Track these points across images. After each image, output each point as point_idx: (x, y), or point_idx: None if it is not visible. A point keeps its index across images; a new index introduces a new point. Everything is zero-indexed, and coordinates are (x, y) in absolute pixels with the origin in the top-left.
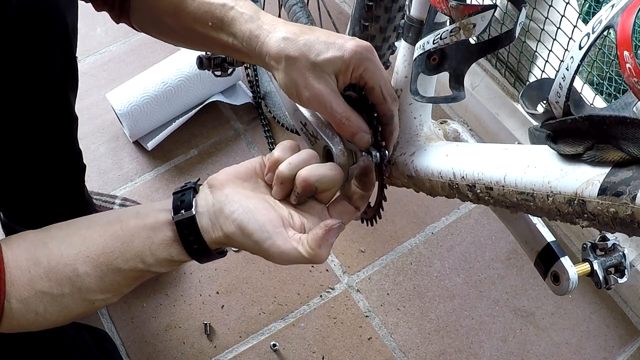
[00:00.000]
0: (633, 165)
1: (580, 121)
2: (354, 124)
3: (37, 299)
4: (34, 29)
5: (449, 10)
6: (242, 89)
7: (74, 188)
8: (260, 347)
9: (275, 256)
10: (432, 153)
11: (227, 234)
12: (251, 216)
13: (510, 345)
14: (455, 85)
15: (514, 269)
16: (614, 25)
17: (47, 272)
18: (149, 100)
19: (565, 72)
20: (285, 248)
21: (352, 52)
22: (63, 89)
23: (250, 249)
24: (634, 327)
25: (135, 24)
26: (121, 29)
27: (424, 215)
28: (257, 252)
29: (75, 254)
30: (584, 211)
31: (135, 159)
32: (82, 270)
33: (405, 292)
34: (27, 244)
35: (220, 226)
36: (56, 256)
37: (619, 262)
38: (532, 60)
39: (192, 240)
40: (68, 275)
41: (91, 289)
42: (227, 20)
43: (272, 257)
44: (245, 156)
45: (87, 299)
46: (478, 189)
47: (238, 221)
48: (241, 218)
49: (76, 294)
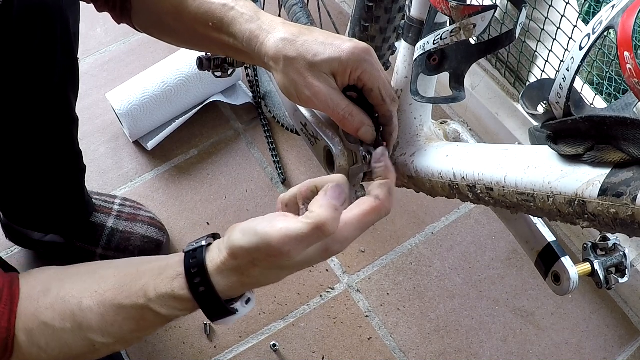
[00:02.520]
0: (633, 166)
1: (580, 122)
2: (357, 118)
3: (40, 331)
4: (35, 30)
5: (449, 10)
6: (242, 89)
7: (74, 189)
8: (260, 347)
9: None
10: (433, 153)
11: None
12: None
13: (510, 345)
14: (456, 85)
15: (514, 269)
16: (614, 25)
17: (54, 303)
18: (148, 100)
19: (565, 72)
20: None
21: (349, 53)
22: (64, 89)
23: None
24: (634, 327)
25: (136, 24)
26: (121, 29)
27: (424, 215)
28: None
29: (84, 289)
30: (585, 212)
31: (135, 159)
32: (86, 305)
33: (405, 292)
34: (44, 277)
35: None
36: (67, 289)
37: (619, 262)
38: (532, 60)
39: (195, 272)
40: (72, 309)
41: (91, 327)
42: (227, 20)
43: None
44: (245, 156)
45: (87, 338)
46: (478, 190)
47: (243, 224)
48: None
49: (77, 330)
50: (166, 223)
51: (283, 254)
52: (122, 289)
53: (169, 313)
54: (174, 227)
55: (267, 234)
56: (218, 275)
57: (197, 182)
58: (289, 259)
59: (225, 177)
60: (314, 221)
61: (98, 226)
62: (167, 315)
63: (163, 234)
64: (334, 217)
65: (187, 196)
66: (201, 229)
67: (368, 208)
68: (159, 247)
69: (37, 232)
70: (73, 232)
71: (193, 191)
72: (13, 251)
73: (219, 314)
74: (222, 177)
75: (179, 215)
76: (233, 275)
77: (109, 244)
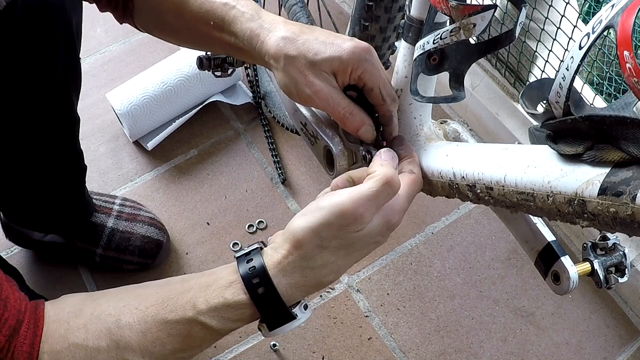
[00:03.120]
0: (633, 165)
1: (580, 121)
2: (357, 117)
3: (69, 352)
4: (39, 30)
5: (449, 10)
6: (242, 89)
7: (74, 189)
8: (260, 347)
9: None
10: (432, 153)
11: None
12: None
13: (510, 345)
14: (455, 85)
15: (514, 269)
16: (614, 25)
17: (87, 322)
18: (148, 100)
19: (565, 72)
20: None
21: (350, 53)
22: (66, 89)
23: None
24: (634, 327)
25: (138, 24)
26: (121, 29)
27: (424, 215)
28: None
29: (122, 306)
30: (584, 211)
31: (135, 159)
32: (125, 322)
33: (405, 292)
34: (75, 299)
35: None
36: (102, 308)
37: (619, 261)
38: (532, 60)
39: (253, 272)
40: (108, 327)
41: (130, 346)
42: (229, 19)
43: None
44: (245, 156)
45: (124, 358)
46: (478, 189)
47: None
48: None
49: (113, 349)
50: (166, 223)
51: (357, 218)
52: (166, 304)
53: (221, 326)
54: (174, 227)
55: (336, 203)
56: (279, 273)
57: (197, 182)
58: (363, 223)
59: (225, 177)
60: (382, 176)
61: (98, 226)
62: (218, 328)
63: (163, 234)
64: (396, 174)
65: (187, 196)
66: (201, 229)
67: (409, 180)
68: (159, 247)
69: (37, 232)
70: (73, 232)
71: (193, 191)
72: (13, 251)
73: (279, 319)
74: (222, 177)
75: (179, 215)
76: (296, 271)
77: (109, 244)
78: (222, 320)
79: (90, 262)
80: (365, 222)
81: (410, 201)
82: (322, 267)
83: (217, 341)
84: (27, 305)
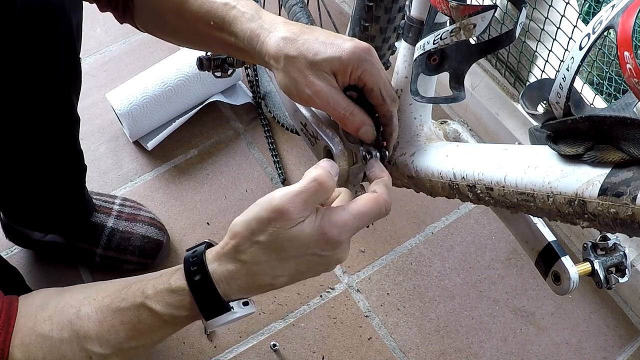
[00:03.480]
0: (633, 165)
1: (580, 122)
2: (357, 117)
3: (37, 344)
4: (39, 30)
5: (449, 10)
6: (242, 89)
7: (74, 189)
8: (260, 347)
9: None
10: (433, 153)
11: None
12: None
13: (510, 345)
14: (456, 85)
15: (514, 269)
16: (614, 25)
17: (52, 314)
18: (148, 100)
19: (565, 72)
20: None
21: (350, 53)
22: (66, 90)
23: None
24: (634, 327)
25: (138, 24)
26: (121, 29)
27: (424, 215)
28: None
29: (83, 298)
30: (585, 212)
31: (135, 159)
32: (84, 312)
33: (405, 292)
34: (44, 294)
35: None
36: (65, 301)
37: (619, 261)
38: (532, 60)
39: (193, 261)
40: (70, 318)
41: (89, 336)
42: (229, 19)
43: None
44: (245, 156)
45: (85, 348)
46: (478, 190)
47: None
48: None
49: (74, 339)
50: (166, 223)
51: (284, 212)
52: (120, 293)
53: (165, 311)
54: (174, 227)
55: (268, 198)
56: (215, 261)
57: (197, 182)
58: (290, 219)
59: (225, 177)
60: (310, 175)
61: (98, 226)
62: (162, 313)
63: (163, 234)
64: (329, 176)
65: (187, 196)
66: (201, 229)
67: (366, 198)
68: (159, 247)
69: (37, 232)
70: (73, 232)
71: (193, 191)
72: (13, 251)
73: (214, 308)
74: (222, 177)
75: (179, 215)
76: (230, 261)
77: (109, 243)
78: (166, 306)
79: (90, 262)
80: (292, 218)
81: (361, 221)
82: (255, 264)
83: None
84: (3, 303)
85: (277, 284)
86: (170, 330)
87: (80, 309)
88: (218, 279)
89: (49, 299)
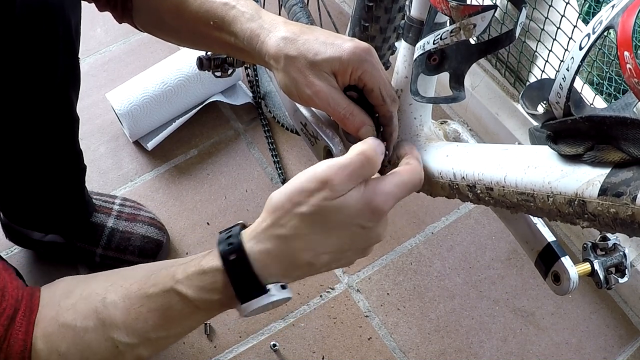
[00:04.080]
0: (633, 165)
1: (580, 122)
2: (357, 118)
3: (60, 334)
4: (38, 30)
5: (449, 10)
6: (242, 89)
7: (74, 189)
8: (260, 347)
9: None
10: (432, 153)
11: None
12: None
13: (510, 345)
14: (456, 85)
15: (514, 269)
16: (614, 25)
17: (76, 303)
18: (148, 100)
19: (565, 72)
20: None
21: (350, 53)
22: (65, 89)
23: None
24: (634, 327)
25: (137, 24)
26: (121, 29)
27: (424, 215)
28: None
29: (109, 285)
30: (585, 212)
31: (135, 159)
32: (110, 300)
33: (405, 292)
34: (68, 282)
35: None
36: (91, 288)
37: (619, 261)
38: (532, 60)
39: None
40: (95, 306)
41: (115, 324)
42: (228, 19)
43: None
44: (245, 156)
45: (111, 337)
46: (478, 190)
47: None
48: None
49: (100, 328)
50: (166, 223)
51: (327, 182)
52: (149, 279)
53: (196, 295)
54: (174, 227)
55: (311, 169)
56: (252, 239)
57: (197, 182)
58: (334, 190)
59: (225, 177)
60: (357, 148)
61: (98, 226)
62: (193, 298)
63: (163, 234)
64: (376, 150)
65: (187, 196)
66: (201, 229)
67: (403, 169)
68: (159, 247)
69: (37, 232)
70: (73, 232)
71: (193, 191)
72: (13, 251)
73: (250, 290)
74: (222, 177)
75: (179, 215)
76: (269, 238)
77: (109, 244)
78: (197, 290)
79: (90, 262)
80: (336, 190)
81: (402, 190)
82: (295, 238)
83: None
84: (24, 293)
85: (318, 263)
86: (201, 317)
87: (107, 297)
88: (255, 258)
89: (74, 287)
